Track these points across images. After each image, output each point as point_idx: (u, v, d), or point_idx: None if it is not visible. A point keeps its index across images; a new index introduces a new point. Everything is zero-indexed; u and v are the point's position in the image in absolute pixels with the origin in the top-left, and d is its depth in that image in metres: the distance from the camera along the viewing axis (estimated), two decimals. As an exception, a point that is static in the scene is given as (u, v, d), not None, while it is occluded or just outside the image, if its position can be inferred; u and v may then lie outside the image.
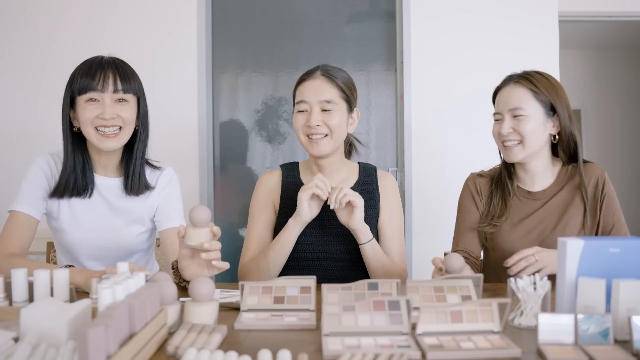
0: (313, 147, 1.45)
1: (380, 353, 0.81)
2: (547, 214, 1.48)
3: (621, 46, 5.39)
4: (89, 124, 1.37)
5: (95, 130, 1.38)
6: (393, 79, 2.85)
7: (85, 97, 1.36)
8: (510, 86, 1.48)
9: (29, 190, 1.41)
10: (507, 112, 1.46)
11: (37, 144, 2.63)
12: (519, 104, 1.44)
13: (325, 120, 1.43)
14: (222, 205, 2.84)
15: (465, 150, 2.74)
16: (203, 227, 1.11)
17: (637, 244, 0.99)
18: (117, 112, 1.38)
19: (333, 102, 1.44)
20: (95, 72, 1.36)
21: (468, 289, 1.09)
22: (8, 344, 0.80)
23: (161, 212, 1.51)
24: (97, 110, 1.37)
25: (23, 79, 2.72)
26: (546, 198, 1.50)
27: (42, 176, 1.43)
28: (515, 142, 1.45)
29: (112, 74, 1.38)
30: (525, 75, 1.48)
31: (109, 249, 1.48)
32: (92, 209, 1.46)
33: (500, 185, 1.55)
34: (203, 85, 2.75)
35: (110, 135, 1.38)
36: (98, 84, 1.36)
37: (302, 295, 1.09)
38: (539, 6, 2.78)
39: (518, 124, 1.44)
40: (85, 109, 1.37)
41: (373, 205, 1.51)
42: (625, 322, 0.92)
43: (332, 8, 2.85)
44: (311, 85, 1.45)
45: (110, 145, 1.39)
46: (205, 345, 0.84)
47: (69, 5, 2.73)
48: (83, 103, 1.37)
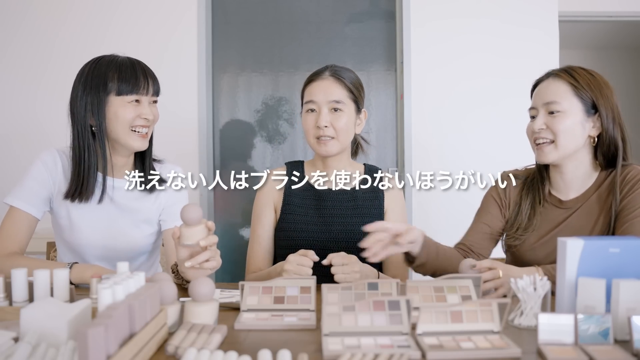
0: (321, 147, 1.46)
1: (380, 353, 0.81)
2: (574, 224, 1.35)
3: (621, 46, 5.39)
4: (127, 124, 1.38)
5: (129, 130, 1.39)
6: (393, 79, 2.85)
7: (129, 98, 1.37)
8: (550, 80, 1.35)
9: (32, 187, 1.39)
10: (542, 107, 1.34)
11: (37, 143, 2.63)
12: (555, 98, 1.31)
13: (333, 122, 1.44)
14: (223, 205, 2.84)
15: (465, 151, 2.74)
16: (197, 225, 1.11)
17: (637, 244, 0.99)
18: (152, 112, 1.42)
19: (342, 102, 1.45)
20: (139, 75, 1.38)
21: (468, 289, 1.09)
22: (8, 344, 0.80)
23: (167, 211, 1.51)
24: (137, 111, 1.38)
25: (25, 78, 2.72)
26: (576, 207, 1.36)
27: (46, 175, 1.41)
28: (547, 141, 1.32)
29: (149, 76, 1.41)
30: (567, 68, 1.35)
31: (117, 250, 1.47)
32: (102, 210, 1.44)
33: (531, 191, 1.42)
34: (203, 85, 2.75)
35: (144, 135, 1.42)
36: (143, 86, 1.38)
37: (302, 295, 1.09)
38: (539, 9, 2.78)
39: (552, 121, 1.31)
40: (125, 108, 1.37)
41: (377, 205, 1.52)
42: (625, 322, 0.92)
43: (332, 8, 2.85)
44: (320, 86, 1.46)
45: (143, 145, 1.42)
46: (205, 345, 0.84)
47: (70, 5, 2.73)
48: (124, 103, 1.37)
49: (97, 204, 1.43)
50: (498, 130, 2.75)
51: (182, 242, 1.11)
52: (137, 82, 1.37)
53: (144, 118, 1.39)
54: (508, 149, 2.53)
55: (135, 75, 1.37)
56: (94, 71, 1.37)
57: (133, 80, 1.37)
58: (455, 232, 1.62)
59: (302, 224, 1.48)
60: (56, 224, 1.48)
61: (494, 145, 2.74)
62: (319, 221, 1.48)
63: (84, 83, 1.37)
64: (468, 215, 1.60)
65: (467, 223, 1.58)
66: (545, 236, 1.38)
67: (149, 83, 1.40)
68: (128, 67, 1.38)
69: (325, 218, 1.48)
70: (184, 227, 1.11)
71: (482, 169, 1.64)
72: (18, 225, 1.37)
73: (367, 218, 1.49)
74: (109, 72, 1.36)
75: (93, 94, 1.36)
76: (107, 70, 1.37)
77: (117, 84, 1.36)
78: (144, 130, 1.41)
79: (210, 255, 1.13)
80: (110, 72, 1.36)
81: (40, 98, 2.69)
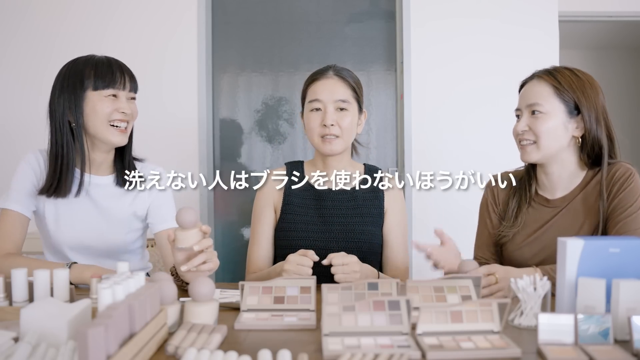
0: (326, 145, 1.46)
1: (380, 353, 0.81)
2: (560, 222, 1.36)
3: (621, 46, 5.38)
4: (105, 119, 1.40)
5: (107, 124, 1.41)
6: (393, 79, 2.85)
7: (106, 92, 1.40)
8: (534, 81, 1.36)
9: (19, 187, 1.42)
10: (525, 108, 1.36)
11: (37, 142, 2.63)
12: (537, 100, 1.33)
13: (338, 121, 1.44)
14: (222, 205, 2.84)
15: (465, 151, 2.74)
16: (191, 229, 1.10)
17: (637, 244, 0.99)
18: (130, 108, 1.44)
19: (347, 101, 1.45)
20: (115, 70, 1.41)
21: (468, 289, 1.09)
22: (8, 344, 0.80)
23: (154, 213, 1.51)
24: (114, 105, 1.41)
25: (25, 79, 2.72)
26: (562, 205, 1.37)
27: (31, 173, 1.43)
28: (529, 142, 1.35)
29: (126, 73, 1.44)
30: (550, 70, 1.36)
31: (97, 249, 1.47)
32: (79, 209, 1.45)
33: (519, 190, 1.45)
34: (203, 85, 2.75)
35: (123, 130, 1.43)
36: (120, 81, 1.41)
37: (302, 295, 1.09)
38: (539, 9, 2.77)
39: (534, 122, 1.33)
40: (102, 102, 1.40)
41: (377, 205, 1.52)
42: (625, 322, 0.92)
43: (332, 8, 2.85)
44: (325, 85, 1.46)
45: (122, 140, 1.44)
46: (205, 345, 0.84)
47: (70, 4, 2.73)
48: (101, 98, 1.40)
49: (74, 202, 1.44)
50: (498, 130, 2.74)
51: (177, 246, 1.11)
52: (113, 77, 1.40)
53: (121, 112, 1.41)
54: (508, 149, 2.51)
55: (111, 70, 1.41)
56: (71, 69, 1.42)
57: (110, 76, 1.40)
58: (455, 232, 1.62)
59: (302, 224, 1.48)
60: (38, 222, 1.49)
61: (494, 145, 2.73)
62: (319, 221, 1.48)
63: (61, 82, 1.41)
64: (468, 215, 1.60)
65: (466, 223, 1.58)
66: (532, 235, 1.39)
67: (126, 79, 1.43)
68: (104, 63, 1.42)
69: (325, 218, 1.48)
70: (178, 231, 1.11)
71: (482, 169, 1.64)
72: (12, 226, 1.39)
73: (367, 218, 1.49)
74: (85, 70, 1.40)
75: (70, 90, 1.40)
76: (84, 68, 1.40)
77: (93, 79, 1.39)
78: (122, 125, 1.43)
79: (207, 258, 1.13)
80: (86, 69, 1.40)
81: (41, 98, 2.69)
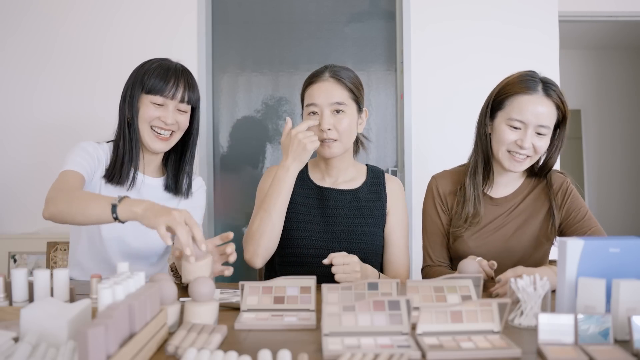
0: (325, 149, 1.46)
1: (380, 353, 0.81)
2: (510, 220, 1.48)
3: (621, 46, 5.39)
4: (147, 122, 1.43)
5: (150, 128, 1.44)
6: (393, 79, 2.85)
7: (153, 98, 1.42)
8: (544, 99, 1.39)
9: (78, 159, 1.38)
10: (534, 127, 1.40)
11: (38, 146, 2.63)
12: (546, 122, 1.38)
13: (335, 124, 1.43)
14: (222, 205, 2.84)
15: (465, 151, 2.73)
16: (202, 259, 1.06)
17: (637, 244, 0.99)
18: (176, 118, 1.45)
19: (344, 103, 1.44)
20: (170, 78, 1.43)
21: (468, 289, 1.09)
22: (8, 344, 0.80)
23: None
24: (158, 112, 1.43)
25: (27, 79, 2.72)
26: (510, 204, 1.49)
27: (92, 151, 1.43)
28: (524, 156, 1.42)
29: (183, 84, 1.44)
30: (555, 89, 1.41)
31: (135, 248, 1.48)
32: None
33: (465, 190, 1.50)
34: (203, 85, 2.75)
35: (163, 138, 1.46)
36: (170, 91, 1.42)
37: (302, 295, 1.09)
38: (539, 9, 2.77)
39: (538, 142, 1.40)
40: (148, 107, 1.43)
41: (380, 206, 1.52)
42: (625, 322, 0.92)
43: (332, 8, 2.85)
44: (320, 88, 1.45)
45: (160, 147, 1.46)
46: (205, 345, 0.84)
47: (71, 4, 2.73)
48: (148, 102, 1.43)
49: (125, 192, 1.45)
50: (498, 130, 2.75)
51: (184, 277, 1.07)
52: (164, 85, 1.42)
53: (162, 121, 1.43)
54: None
55: (165, 78, 1.42)
56: (143, 67, 1.46)
57: (162, 84, 1.42)
58: (455, 232, 1.62)
59: (304, 222, 1.48)
60: None
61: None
62: (321, 221, 1.48)
63: (134, 76, 1.46)
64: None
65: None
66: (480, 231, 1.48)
67: (179, 89, 1.43)
68: (164, 70, 1.44)
69: (328, 218, 1.48)
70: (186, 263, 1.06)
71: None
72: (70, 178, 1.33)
73: (370, 219, 1.50)
74: (149, 71, 1.43)
75: (134, 87, 1.43)
76: (149, 68, 1.44)
77: (148, 82, 1.42)
78: (164, 133, 1.45)
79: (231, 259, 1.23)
80: (150, 70, 1.43)
81: (45, 99, 2.70)
